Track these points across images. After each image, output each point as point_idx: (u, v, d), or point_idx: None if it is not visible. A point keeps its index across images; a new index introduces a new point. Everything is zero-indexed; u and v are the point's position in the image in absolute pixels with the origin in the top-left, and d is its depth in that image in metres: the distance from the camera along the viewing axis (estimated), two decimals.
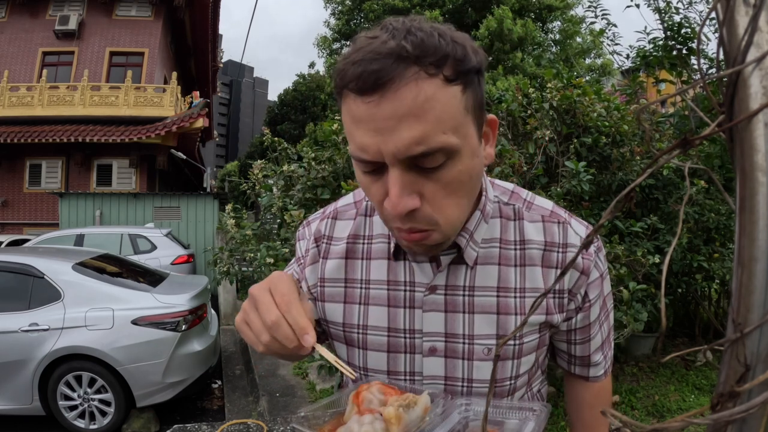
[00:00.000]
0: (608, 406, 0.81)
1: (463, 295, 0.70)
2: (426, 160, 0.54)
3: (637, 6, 4.07)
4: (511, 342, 0.70)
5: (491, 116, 0.64)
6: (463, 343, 0.70)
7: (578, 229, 0.73)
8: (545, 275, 0.71)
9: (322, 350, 0.57)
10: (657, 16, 3.80)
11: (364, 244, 0.77)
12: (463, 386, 0.71)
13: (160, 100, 13.59)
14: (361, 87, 0.52)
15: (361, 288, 0.75)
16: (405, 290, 0.73)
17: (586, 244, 0.28)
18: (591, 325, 0.77)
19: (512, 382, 0.73)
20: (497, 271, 0.71)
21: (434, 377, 0.72)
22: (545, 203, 0.76)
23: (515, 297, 0.70)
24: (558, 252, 0.71)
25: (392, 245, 0.73)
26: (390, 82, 0.51)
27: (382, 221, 0.65)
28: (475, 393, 0.71)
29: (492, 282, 0.70)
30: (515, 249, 0.71)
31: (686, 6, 3.83)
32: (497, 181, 0.77)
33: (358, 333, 0.75)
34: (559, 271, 0.71)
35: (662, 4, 3.81)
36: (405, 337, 0.72)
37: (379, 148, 0.53)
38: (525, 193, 0.76)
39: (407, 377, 0.73)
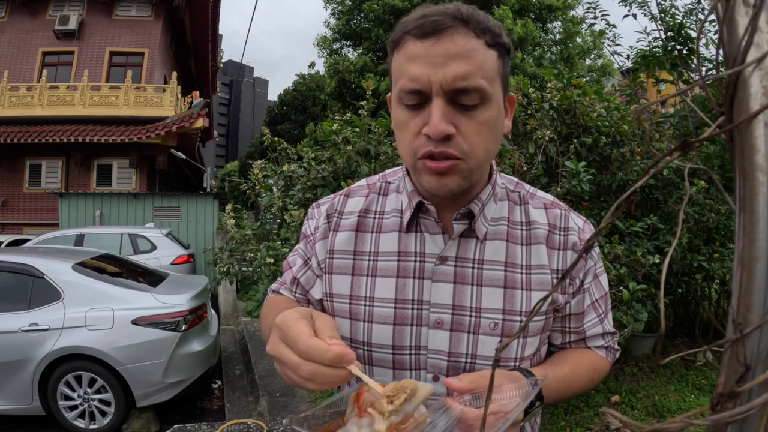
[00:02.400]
0: (594, 371, 0.81)
1: (473, 268, 0.73)
2: (465, 97, 0.63)
3: (634, 16, 4.08)
4: (518, 318, 0.72)
5: (511, 94, 0.73)
6: (470, 315, 0.72)
7: (576, 220, 0.79)
8: (549, 254, 0.76)
9: (355, 369, 0.56)
10: (655, 24, 3.81)
11: (375, 218, 0.80)
12: (466, 362, 0.72)
13: (160, 100, 13.58)
14: (423, 31, 0.63)
15: (369, 260, 0.77)
16: (415, 261, 0.75)
17: (587, 248, 0.28)
18: (585, 312, 0.79)
19: (516, 364, 0.74)
20: (505, 247, 0.75)
21: (438, 351, 0.73)
22: (547, 195, 0.82)
23: (521, 273, 0.74)
24: (560, 235, 0.77)
25: (405, 219, 0.76)
26: (446, 30, 0.63)
27: (412, 154, 0.67)
28: (477, 370, 0.71)
29: (500, 257, 0.74)
30: (521, 229, 0.77)
31: (683, 15, 3.83)
32: (503, 174, 0.83)
33: (364, 305, 0.75)
34: (560, 252, 0.76)
35: (658, 11, 3.82)
36: (412, 308, 0.74)
37: (429, 78, 0.62)
38: (528, 186, 0.83)
39: (412, 351, 0.74)
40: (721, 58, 0.27)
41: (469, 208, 0.72)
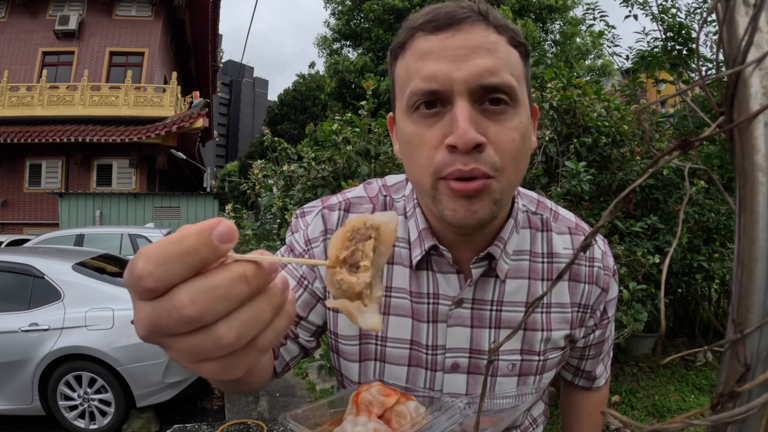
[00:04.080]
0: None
1: (491, 310, 0.68)
2: (493, 97, 0.54)
3: (635, 17, 4.09)
4: (536, 358, 0.69)
5: (534, 104, 0.65)
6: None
7: (600, 244, 0.75)
8: (571, 289, 0.71)
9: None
10: (656, 24, 3.82)
11: None
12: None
13: (160, 100, 13.60)
14: (435, 25, 0.55)
15: (383, 295, 0.70)
16: (428, 303, 0.68)
17: (584, 247, 0.28)
18: (605, 341, 0.78)
19: None
20: (527, 286, 0.69)
21: (455, 394, 0.69)
22: (569, 215, 0.76)
23: (541, 312, 0.69)
24: (585, 266, 0.72)
25: (414, 257, 0.68)
26: (463, 21, 0.54)
27: (432, 173, 0.56)
28: (495, 409, 0.69)
29: (521, 297, 0.69)
30: (543, 262, 0.70)
31: (685, 16, 3.83)
32: (522, 190, 0.75)
33: (376, 344, 0.69)
34: (586, 286, 0.71)
35: (659, 11, 3.82)
36: (426, 354, 0.69)
37: (449, 75, 0.53)
38: (549, 203, 0.76)
39: (426, 392, 0.70)
40: (721, 58, 0.27)
41: (489, 252, 0.65)
